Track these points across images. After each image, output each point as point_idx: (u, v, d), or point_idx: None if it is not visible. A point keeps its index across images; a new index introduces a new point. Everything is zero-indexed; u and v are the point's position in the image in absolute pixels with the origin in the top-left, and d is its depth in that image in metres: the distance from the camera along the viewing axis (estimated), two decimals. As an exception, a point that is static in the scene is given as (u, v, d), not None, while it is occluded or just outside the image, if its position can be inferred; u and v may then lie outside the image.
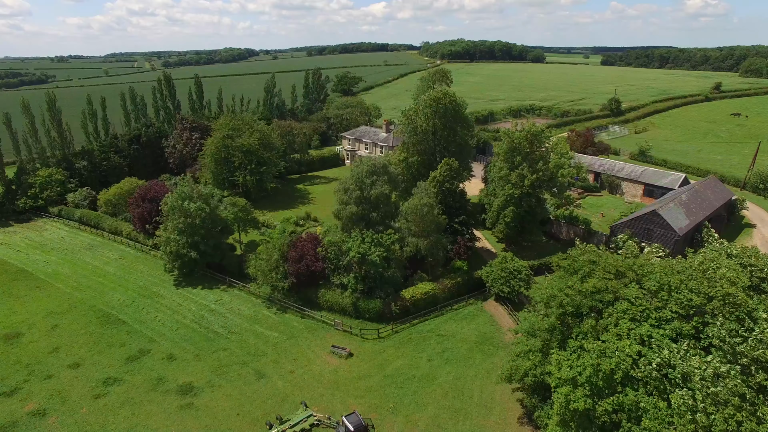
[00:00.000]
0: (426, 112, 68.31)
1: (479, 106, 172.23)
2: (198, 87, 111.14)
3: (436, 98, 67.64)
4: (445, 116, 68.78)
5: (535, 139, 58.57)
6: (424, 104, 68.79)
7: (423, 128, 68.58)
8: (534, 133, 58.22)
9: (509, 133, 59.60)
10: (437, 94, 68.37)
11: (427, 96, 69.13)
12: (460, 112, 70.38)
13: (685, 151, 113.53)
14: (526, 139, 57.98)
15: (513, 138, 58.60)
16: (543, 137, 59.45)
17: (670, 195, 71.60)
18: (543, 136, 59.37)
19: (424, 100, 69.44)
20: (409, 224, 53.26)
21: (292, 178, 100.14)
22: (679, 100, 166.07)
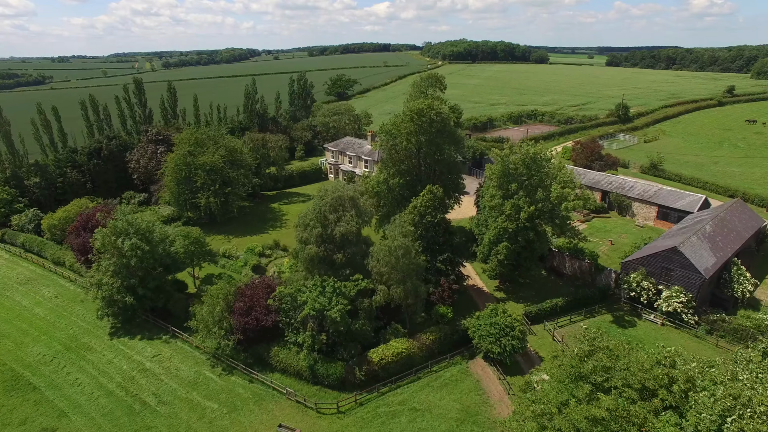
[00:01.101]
0: (407, 127, 59.33)
1: (478, 111, 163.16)
2: (171, 94, 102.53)
3: (418, 111, 58.63)
4: (430, 132, 59.79)
5: (533, 163, 49.46)
6: (405, 118, 59.82)
7: (404, 146, 59.61)
8: (532, 157, 49.11)
9: (503, 157, 50.49)
10: (420, 105, 59.34)
11: (408, 108, 60.12)
12: (448, 126, 61.35)
13: (699, 163, 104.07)
14: (523, 164, 48.86)
15: (507, 162, 49.51)
16: (543, 160, 50.34)
17: (690, 221, 62.34)
18: (543, 158, 50.26)
19: (404, 113, 60.46)
20: (380, 267, 44.29)
21: (269, 195, 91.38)
22: (691, 105, 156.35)
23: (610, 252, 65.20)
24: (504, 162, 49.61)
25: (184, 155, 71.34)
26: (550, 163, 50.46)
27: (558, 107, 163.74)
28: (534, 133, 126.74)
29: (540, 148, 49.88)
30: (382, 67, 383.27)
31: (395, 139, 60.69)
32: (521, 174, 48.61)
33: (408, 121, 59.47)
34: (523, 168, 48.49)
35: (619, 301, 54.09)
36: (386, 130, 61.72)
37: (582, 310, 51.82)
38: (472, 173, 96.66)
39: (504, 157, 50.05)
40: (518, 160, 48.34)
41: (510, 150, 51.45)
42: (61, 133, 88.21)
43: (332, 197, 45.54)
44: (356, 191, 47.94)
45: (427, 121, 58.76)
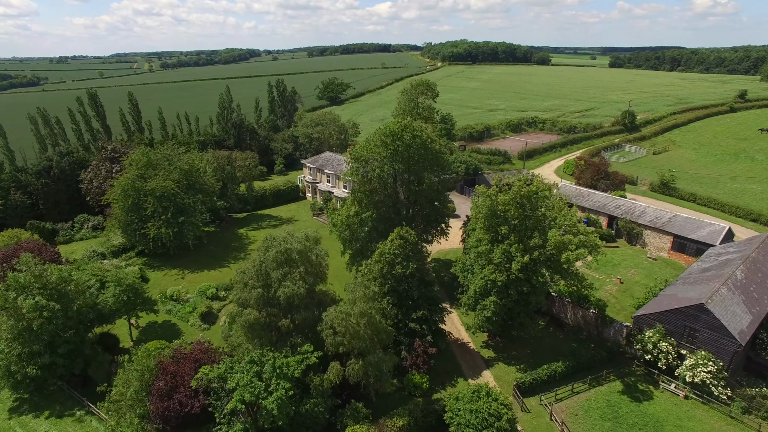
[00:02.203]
0: (380, 152, 50.41)
1: (475, 118, 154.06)
2: (133, 105, 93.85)
3: (392, 133, 49.69)
4: (407, 157, 50.89)
5: (528, 202, 40.41)
6: (377, 141, 50.91)
7: (377, 174, 50.69)
8: (527, 196, 40.03)
9: (490, 195, 41.38)
10: (394, 127, 50.36)
11: (381, 131, 51.17)
12: (429, 149, 52.35)
13: (714, 178, 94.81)
14: (515, 204, 39.79)
15: (495, 201, 40.45)
16: (541, 196, 41.31)
17: (713, 258, 53.26)
18: (541, 194, 41.24)
19: (377, 134, 51.52)
20: (336, 338, 35.39)
21: (237, 218, 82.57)
22: (701, 112, 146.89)
23: (618, 294, 56.10)
24: (491, 201, 40.57)
25: (133, 179, 62.53)
26: (549, 200, 41.37)
27: (560, 113, 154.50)
28: (534, 144, 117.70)
29: (537, 186, 40.75)
30: (379, 68, 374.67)
31: (366, 166, 51.80)
32: (513, 216, 39.54)
33: (380, 145, 50.57)
34: (515, 209, 39.42)
35: (630, 363, 45.03)
36: (356, 156, 52.81)
37: (586, 378, 42.76)
38: (464, 192, 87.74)
39: (491, 195, 40.99)
40: (509, 200, 39.24)
41: (498, 187, 42.36)
42: (7, 149, 79.52)
43: (277, 251, 36.62)
44: (309, 240, 38.92)
45: (403, 146, 49.82)
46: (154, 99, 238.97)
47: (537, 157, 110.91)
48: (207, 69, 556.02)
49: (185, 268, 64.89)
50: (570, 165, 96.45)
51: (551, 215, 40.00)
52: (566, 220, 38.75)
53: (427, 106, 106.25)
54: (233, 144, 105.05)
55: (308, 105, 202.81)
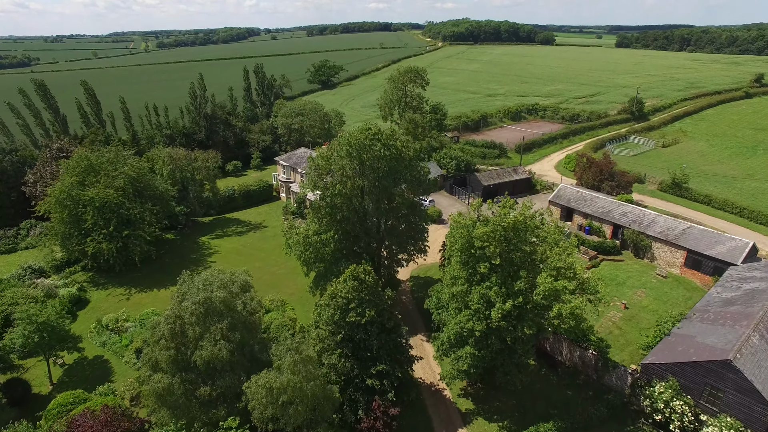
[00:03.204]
0: (344, 165, 42.23)
1: (472, 104, 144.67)
2: (90, 96, 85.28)
3: (357, 144, 41.41)
4: (376, 170, 42.75)
5: (514, 235, 32.29)
6: (341, 152, 42.67)
7: (338, 191, 42.60)
8: (513, 227, 31.84)
9: (465, 224, 33.22)
10: (360, 136, 41.99)
11: (346, 139, 42.82)
12: (402, 161, 44.08)
13: (731, 176, 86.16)
14: (498, 238, 31.63)
15: (472, 235, 32.33)
16: (530, 226, 33.22)
17: (736, 286, 45.42)
18: (530, 224, 33.14)
19: (341, 145, 43.22)
20: (262, 412, 27.92)
21: (202, 223, 74.83)
22: (714, 98, 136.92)
23: (623, 323, 48.42)
24: (468, 232, 32.49)
25: (69, 187, 54.61)
26: (541, 230, 33.25)
27: (563, 99, 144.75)
28: (533, 136, 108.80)
29: (524, 213, 32.60)
30: (377, 48, 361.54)
31: (327, 178, 43.68)
32: (493, 254, 31.47)
33: (345, 156, 42.33)
34: (497, 245, 31.33)
35: (636, 419, 37.63)
36: (315, 165, 44.65)
37: (584, 441, 35.41)
38: (454, 192, 79.54)
39: (466, 225, 32.88)
40: (488, 233, 31.11)
41: (477, 214, 34.22)
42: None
43: (195, 301, 28.82)
44: (236, 286, 31.09)
45: (371, 158, 41.59)
46: (143, 81, 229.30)
47: (536, 150, 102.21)
48: (203, 49, 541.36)
49: (134, 285, 57.43)
50: (572, 160, 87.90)
51: (542, 250, 31.94)
52: (560, 260, 30.63)
53: (416, 94, 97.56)
54: (204, 137, 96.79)
55: (299, 89, 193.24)
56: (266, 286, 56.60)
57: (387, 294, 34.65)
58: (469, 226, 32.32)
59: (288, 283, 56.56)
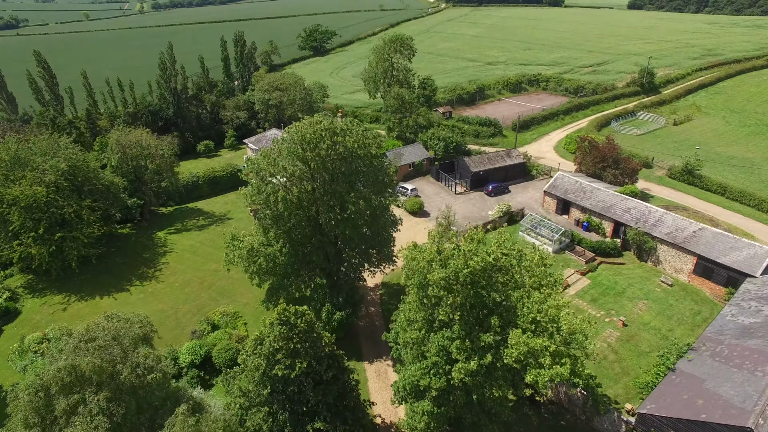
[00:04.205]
0: (288, 166, 35.09)
1: (470, 73, 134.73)
2: (44, 68, 77.21)
3: (303, 140, 34.12)
4: (329, 171, 35.61)
5: (482, 279, 25.19)
6: (284, 151, 35.45)
7: (281, 198, 35.60)
8: (481, 270, 24.68)
9: (418, 266, 26.13)
10: (309, 130, 34.64)
11: (291, 134, 35.48)
12: (362, 158, 36.82)
13: (749, 159, 77.97)
14: (460, 284, 24.57)
15: (427, 280, 25.31)
16: (504, 265, 26.10)
17: (756, 307, 38.78)
18: (504, 263, 26.04)
19: (284, 143, 35.93)
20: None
21: (162, 214, 68.23)
22: (732, 67, 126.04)
23: (619, 345, 42.11)
24: (423, 272, 25.54)
25: (-9, 182, 47.85)
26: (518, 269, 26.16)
27: (567, 69, 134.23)
28: (532, 111, 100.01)
29: (496, 251, 25.40)
30: (377, 11, 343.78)
31: (272, 181, 36.61)
32: (453, 305, 24.58)
33: (289, 155, 35.15)
34: (460, 291, 24.39)
35: (631, 476, 31.86)
36: (255, 167, 37.50)
37: None
38: (440, 179, 72.11)
39: (420, 269, 25.84)
40: (443, 279, 24.05)
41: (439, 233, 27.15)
42: None
43: (60, 367, 22.41)
44: (128, 339, 24.63)
45: (319, 158, 34.37)
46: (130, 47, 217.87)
47: (535, 127, 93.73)
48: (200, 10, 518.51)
49: (75, 292, 51.45)
50: (573, 141, 79.75)
51: (518, 296, 25.00)
52: (539, 312, 23.73)
53: (402, 67, 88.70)
54: (173, 114, 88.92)
55: (289, 56, 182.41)
56: (219, 295, 50.60)
57: (325, 339, 28.15)
58: (423, 269, 25.32)
59: (244, 292, 50.43)
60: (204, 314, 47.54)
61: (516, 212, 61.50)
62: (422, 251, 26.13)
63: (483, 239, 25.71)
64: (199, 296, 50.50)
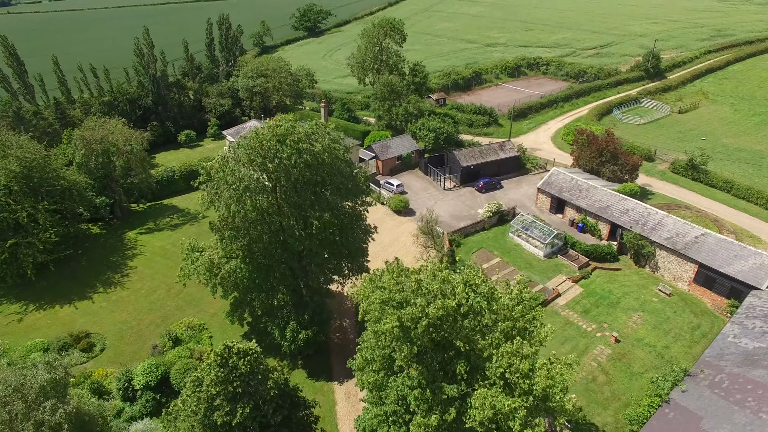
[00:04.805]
0: (243, 176, 31.48)
1: (468, 55, 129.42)
2: (10, 53, 73.06)
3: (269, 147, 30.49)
4: (296, 180, 32.01)
5: (456, 320, 21.67)
6: (243, 158, 31.85)
7: (234, 211, 32.07)
8: (453, 312, 21.11)
9: (370, 295, 22.71)
10: (267, 135, 30.96)
11: (255, 136, 31.77)
12: (328, 164, 33.12)
13: (758, 151, 73.60)
14: (429, 329, 21.08)
15: (378, 327, 21.88)
16: (474, 308, 22.55)
17: (759, 320, 35.46)
18: (474, 305, 22.49)
19: (241, 148, 32.27)
20: None
21: (136, 211, 64.85)
22: (743, 50, 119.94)
23: (610, 365, 38.97)
24: (377, 327, 22.04)
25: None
26: (487, 314, 22.52)
27: (569, 51, 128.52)
28: (530, 98, 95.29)
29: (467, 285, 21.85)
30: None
31: (225, 192, 32.99)
32: (407, 357, 21.19)
33: (247, 162, 31.53)
34: (423, 336, 20.98)
35: None
36: (206, 175, 33.92)
37: None
38: (429, 173, 68.25)
39: (373, 311, 22.34)
40: (396, 327, 20.53)
41: (393, 284, 23.33)
42: None
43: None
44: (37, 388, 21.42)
45: (284, 166, 30.71)
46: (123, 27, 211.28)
47: (532, 115, 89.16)
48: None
49: (33, 300, 48.49)
50: (571, 132, 75.45)
51: (484, 345, 21.46)
52: (512, 367, 20.16)
53: (393, 51, 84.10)
54: (152, 103, 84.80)
55: (282, 37, 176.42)
56: (186, 303, 47.52)
57: (272, 381, 24.96)
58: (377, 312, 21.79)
59: (212, 301, 46.84)
60: (169, 325, 44.60)
61: (507, 211, 57.77)
62: (377, 287, 22.62)
63: (448, 277, 22.01)
64: (165, 305, 47.46)
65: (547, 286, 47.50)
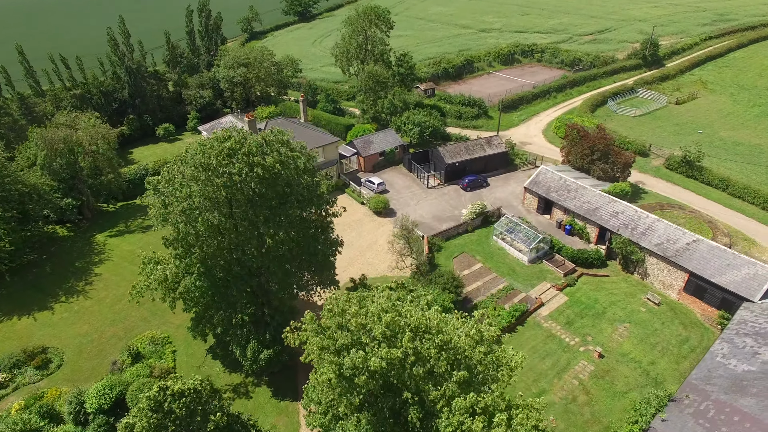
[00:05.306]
0: (193, 191, 28.90)
1: (462, 41, 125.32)
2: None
3: (217, 163, 27.81)
4: (249, 196, 29.40)
5: (404, 366, 19.32)
6: (188, 174, 29.15)
7: (183, 232, 29.56)
8: (399, 363, 18.77)
9: (310, 338, 20.31)
10: (217, 150, 28.26)
11: (200, 149, 29.06)
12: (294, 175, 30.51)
13: (757, 145, 70.66)
14: (381, 376, 18.69)
15: (315, 377, 19.54)
16: (423, 355, 20.13)
17: (751, 338, 33.28)
18: (422, 352, 20.07)
19: (186, 164, 29.58)
20: None
21: (109, 211, 62.32)
22: (745, 36, 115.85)
23: (592, 382, 36.86)
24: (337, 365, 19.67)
25: None
26: (446, 353, 20.13)
27: (566, 37, 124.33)
28: (522, 88, 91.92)
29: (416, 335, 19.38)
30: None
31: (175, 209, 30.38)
32: (355, 404, 18.89)
33: (192, 179, 28.87)
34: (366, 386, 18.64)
35: None
36: (153, 191, 31.25)
37: None
38: (413, 170, 65.48)
39: (314, 353, 19.96)
40: (333, 379, 18.15)
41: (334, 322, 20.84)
42: None
43: None
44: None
45: (234, 183, 28.07)
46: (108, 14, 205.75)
47: (523, 106, 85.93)
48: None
49: (-8, 308, 46.35)
50: (561, 126, 72.51)
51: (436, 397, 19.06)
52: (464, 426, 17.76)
53: (378, 40, 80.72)
54: (128, 95, 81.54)
55: (272, 22, 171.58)
56: (151, 314, 45.23)
57: (212, 423, 22.72)
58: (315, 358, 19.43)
59: (178, 311, 44.22)
60: (131, 338, 42.45)
61: (492, 212, 55.19)
62: (315, 332, 20.20)
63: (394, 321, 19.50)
64: (130, 316, 45.22)
65: (530, 295, 45.24)
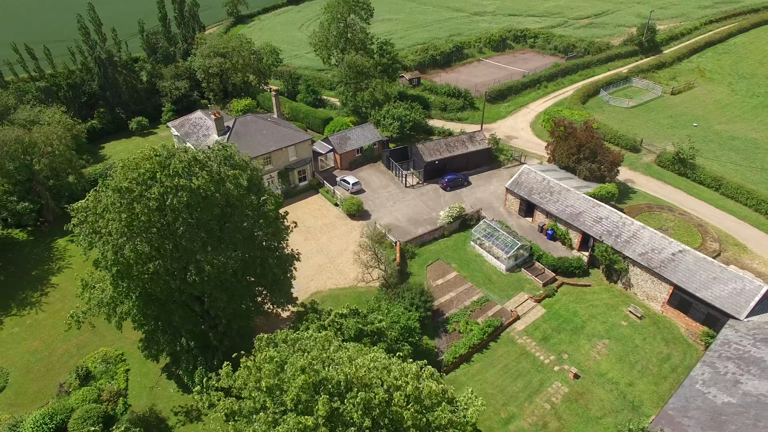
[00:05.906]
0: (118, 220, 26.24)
1: (453, 25, 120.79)
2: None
3: (132, 188, 25.12)
4: (178, 222, 26.73)
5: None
6: (111, 202, 26.45)
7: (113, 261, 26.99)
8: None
9: (216, 402, 17.96)
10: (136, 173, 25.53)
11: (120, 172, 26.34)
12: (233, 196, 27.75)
13: (753, 140, 67.48)
14: None
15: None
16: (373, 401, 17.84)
17: (734, 363, 31.01)
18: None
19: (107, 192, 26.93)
20: None
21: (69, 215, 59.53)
22: (747, 19, 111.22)
23: (565, 407, 34.70)
24: None
25: None
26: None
27: (561, 21, 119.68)
28: (511, 77, 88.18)
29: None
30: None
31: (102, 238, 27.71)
32: None
33: (114, 207, 26.20)
34: None
35: None
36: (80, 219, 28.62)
37: None
38: (392, 167, 62.49)
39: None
40: None
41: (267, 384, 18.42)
42: None
43: None
44: None
45: (155, 208, 25.37)
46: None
47: (512, 97, 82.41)
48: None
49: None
50: (549, 119, 69.18)
51: None
52: None
53: (359, 28, 76.88)
54: (98, 87, 77.98)
55: (260, 5, 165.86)
56: (107, 329, 42.38)
57: None
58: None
59: (134, 326, 42.68)
60: (84, 356, 40.25)
61: (470, 215, 52.47)
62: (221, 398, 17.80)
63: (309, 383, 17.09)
64: (84, 331, 42.08)
65: (505, 308, 42.86)
